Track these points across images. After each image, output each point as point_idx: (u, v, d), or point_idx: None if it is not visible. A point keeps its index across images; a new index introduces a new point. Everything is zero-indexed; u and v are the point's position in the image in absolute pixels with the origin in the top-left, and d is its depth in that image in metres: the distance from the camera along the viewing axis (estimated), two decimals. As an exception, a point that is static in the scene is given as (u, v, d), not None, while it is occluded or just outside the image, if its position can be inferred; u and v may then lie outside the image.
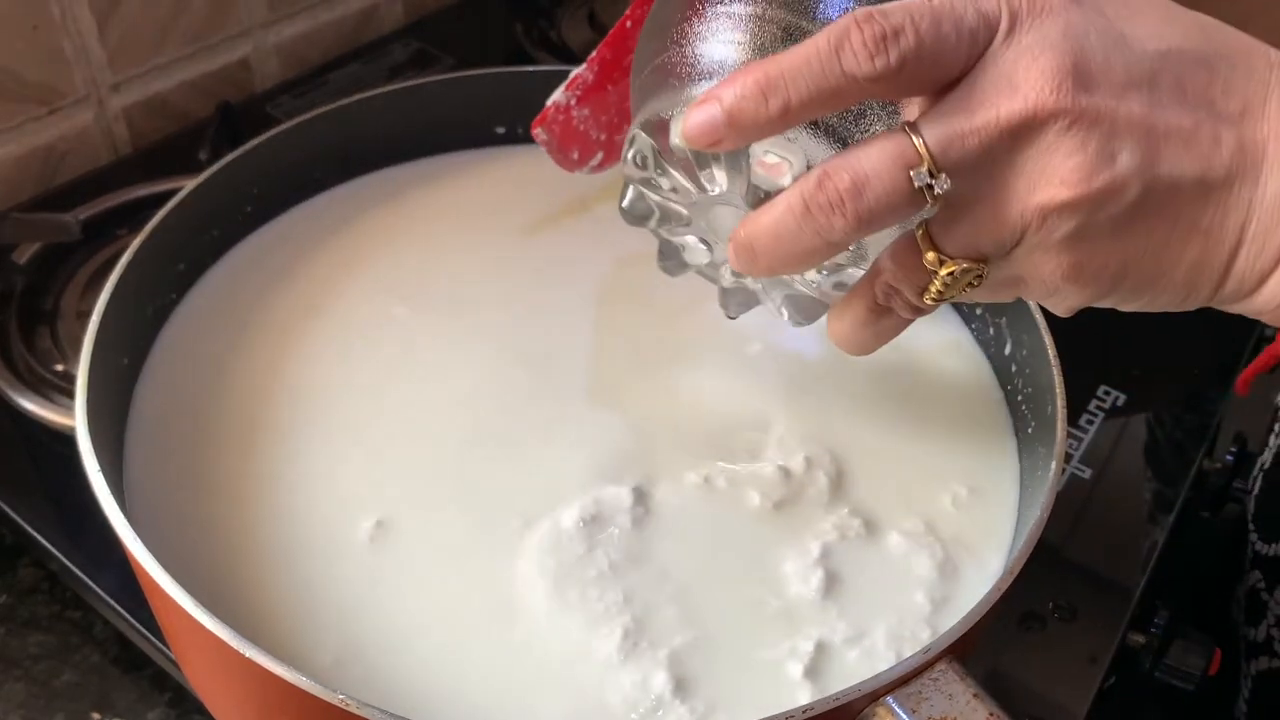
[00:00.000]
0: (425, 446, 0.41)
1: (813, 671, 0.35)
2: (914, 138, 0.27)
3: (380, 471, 0.40)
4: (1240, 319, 0.48)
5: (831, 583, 0.37)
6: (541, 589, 0.36)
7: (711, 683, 0.34)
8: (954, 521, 0.40)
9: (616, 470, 0.39)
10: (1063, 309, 0.31)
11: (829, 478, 0.40)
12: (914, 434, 0.43)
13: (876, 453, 0.42)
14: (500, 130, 0.55)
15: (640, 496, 0.39)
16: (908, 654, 0.34)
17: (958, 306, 0.48)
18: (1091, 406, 0.55)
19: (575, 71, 0.43)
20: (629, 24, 0.42)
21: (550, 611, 0.35)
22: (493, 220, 0.51)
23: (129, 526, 0.32)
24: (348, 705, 0.28)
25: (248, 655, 0.29)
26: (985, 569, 0.38)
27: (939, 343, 0.47)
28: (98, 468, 0.34)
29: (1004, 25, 0.27)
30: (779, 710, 0.29)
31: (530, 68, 0.56)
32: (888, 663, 0.35)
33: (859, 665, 0.35)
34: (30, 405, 0.50)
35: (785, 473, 0.40)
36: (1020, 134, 0.27)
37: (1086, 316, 0.29)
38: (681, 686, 0.34)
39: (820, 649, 0.35)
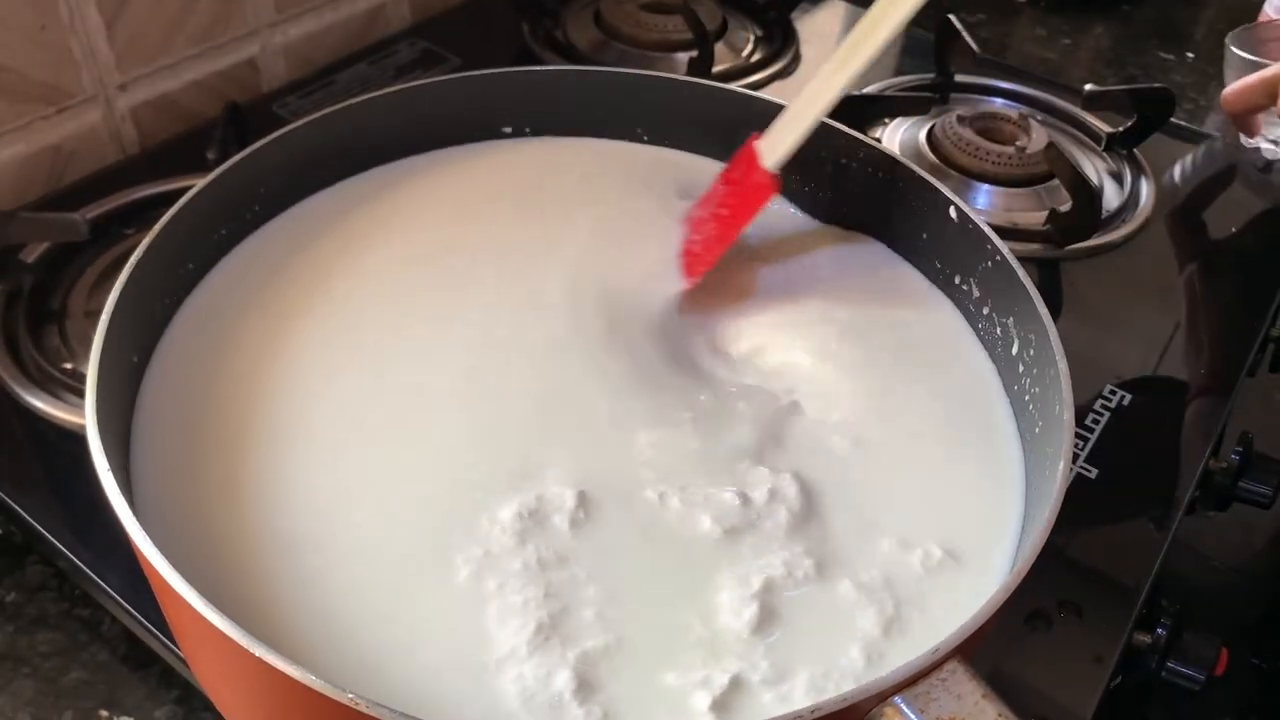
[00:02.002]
0: (425, 442, 0.41)
1: (720, 705, 0.33)
2: None
3: (381, 469, 0.40)
4: (1247, 320, 0.48)
5: (765, 619, 0.35)
6: (465, 574, 0.36)
7: (614, 692, 0.33)
8: (953, 522, 0.40)
9: (576, 474, 0.39)
10: None
11: (791, 514, 0.38)
12: (919, 433, 0.43)
13: (875, 454, 0.42)
14: (507, 130, 0.55)
15: (583, 500, 0.38)
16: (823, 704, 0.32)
17: (964, 306, 0.48)
18: (1097, 406, 0.55)
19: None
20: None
21: (467, 597, 0.36)
22: (498, 220, 0.51)
23: (139, 526, 0.32)
24: (357, 704, 0.28)
25: (257, 654, 0.29)
26: (991, 568, 0.38)
27: (946, 341, 0.47)
28: (107, 466, 0.34)
29: None
30: (787, 711, 0.28)
31: (537, 68, 0.56)
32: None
33: (773, 707, 0.33)
34: (38, 403, 0.50)
35: (744, 500, 0.39)
36: None
37: (1090, 315, 0.29)
38: (583, 688, 0.33)
39: (735, 684, 0.34)
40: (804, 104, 0.47)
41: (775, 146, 0.47)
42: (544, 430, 0.41)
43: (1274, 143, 0.73)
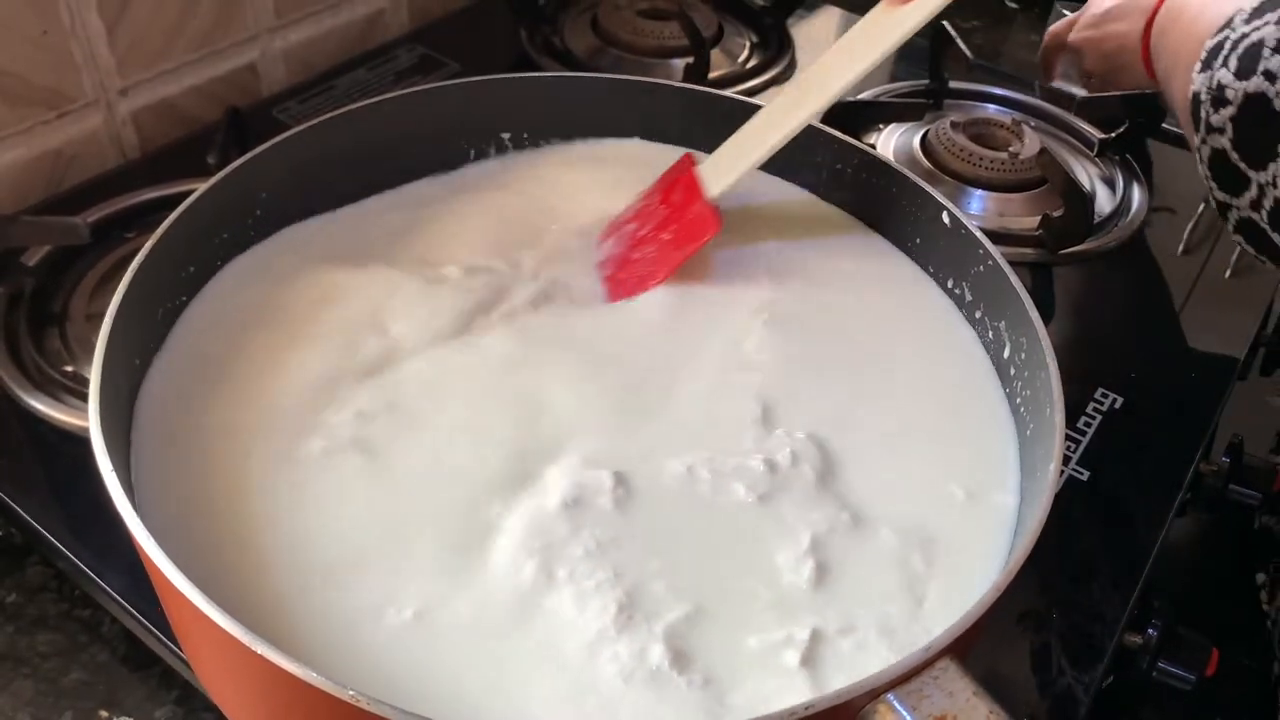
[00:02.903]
0: (427, 441, 0.41)
1: (809, 660, 0.35)
2: None
3: (389, 467, 0.40)
4: (1239, 320, 0.48)
5: (822, 573, 0.37)
6: (530, 569, 0.36)
7: (708, 659, 0.35)
8: (952, 522, 0.40)
9: (597, 457, 0.40)
10: None
11: (815, 472, 0.40)
12: (914, 435, 0.43)
13: (876, 454, 0.42)
14: (506, 136, 0.56)
15: (620, 479, 0.39)
16: (901, 646, 0.35)
17: (960, 309, 0.49)
18: (1089, 409, 0.56)
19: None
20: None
21: (539, 589, 0.36)
22: (501, 223, 0.52)
23: (142, 526, 0.32)
24: (358, 702, 0.28)
25: (260, 652, 0.29)
26: (984, 568, 0.39)
27: (940, 345, 0.48)
28: (111, 467, 0.34)
29: None
30: (782, 708, 0.29)
31: (536, 74, 0.56)
32: (879, 655, 0.35)
33: (854, 656, 0.35)
34: (39, 405, 0.50)
35: (771, 466, 0.40)
36: None
37: (1082, 319, 0.30)
38: (679, 659, 0.34)
39: (815, 638, 0.35)
40: (753, 136, 0.45)
41: (720, 177, 0.45)
42: (559, 423, 0.42)
43: (1066, 80, 0.77)
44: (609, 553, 0.37)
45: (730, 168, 0.45)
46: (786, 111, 0.44)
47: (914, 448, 0.43)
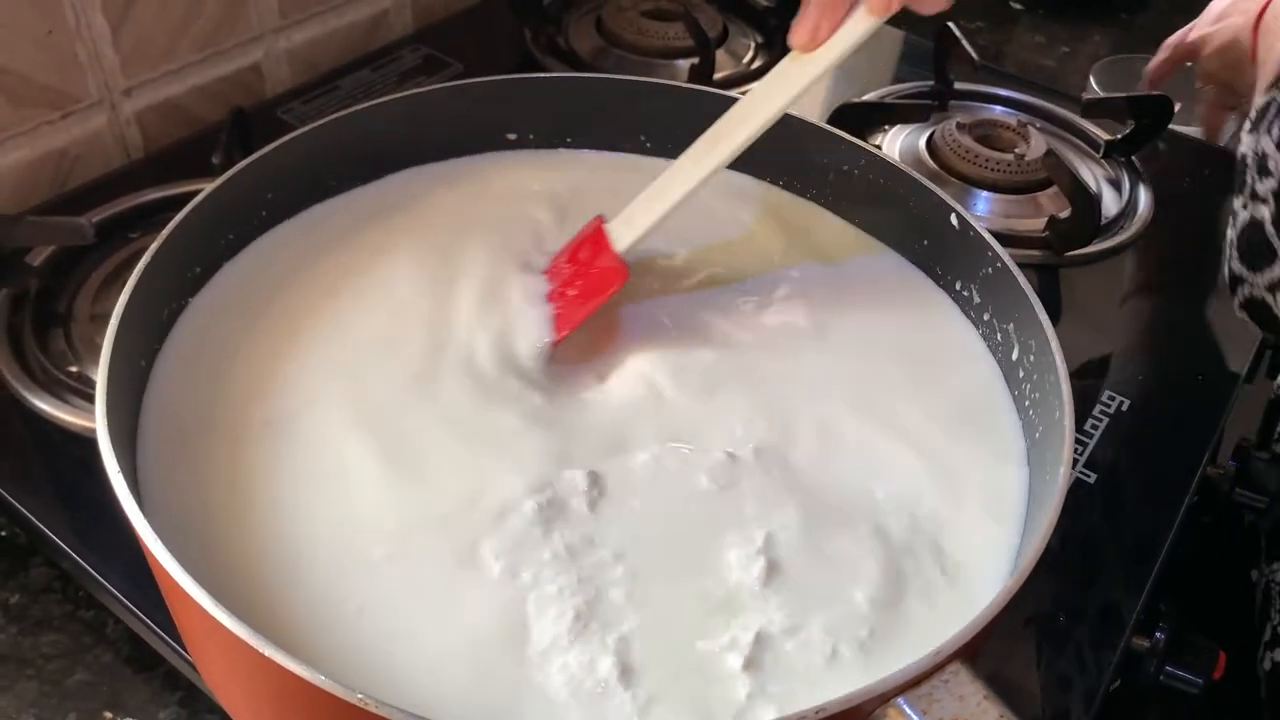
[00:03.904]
0: (428, 440, 0.41)
1: (751, 663, 0.35)
2: None
3: (388, 468, 0.40)
4: (1245, 323, 0.48)
5: (773, 572, 0.37)
6: (497, 570, 0.37)
7: (654, 672, 0.35)
8: (956, 522, 0.40)
9: (571, 452, 0.41)
10: None
11: (780, 469, 0.40)
12: (921, 437, 0.43)
13: (878, 455, 0.42)
14: (511, 136, 0.56)
15: (595, 479, 0.40)
16: (844, 650, 0.35)
17: (966, 312, 0.49)
18: (1096, 412, 0.56)
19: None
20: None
21: (502, 591, 0.36)
22: (502, 223, 0.52)
23: (149, 527, 0.32)
24: (366, 704, 0.28)
25: (267, 654, 0.29)
26: (993, 572, 0.39)
27: (948, 347, 0.48)
28: (117, 468, 0.34)
29: None
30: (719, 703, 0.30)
31: (540, 74, 0.56)
32: (823, 655, 0.35)
33: (795, 655, 0.35)
34: (44, 406, 0.50)
35: (732, 459, 0.40)
36: None
37: (1089, 322, 0.29)
38: (626, 673, 0.34)
39: (759, 639, 0.35)
40: (662, 189, 0.45)
41: (628, 230, 0.45)
42: (540, 424, 0.42)
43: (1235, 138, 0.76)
44: (577, 557, 0.37)
45: (639, 222, 0.45)
46: (695, 161, 0.44)
47: (918, 448, 0.42)
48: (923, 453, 0.42)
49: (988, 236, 0.46)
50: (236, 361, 0.44)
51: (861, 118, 0.71)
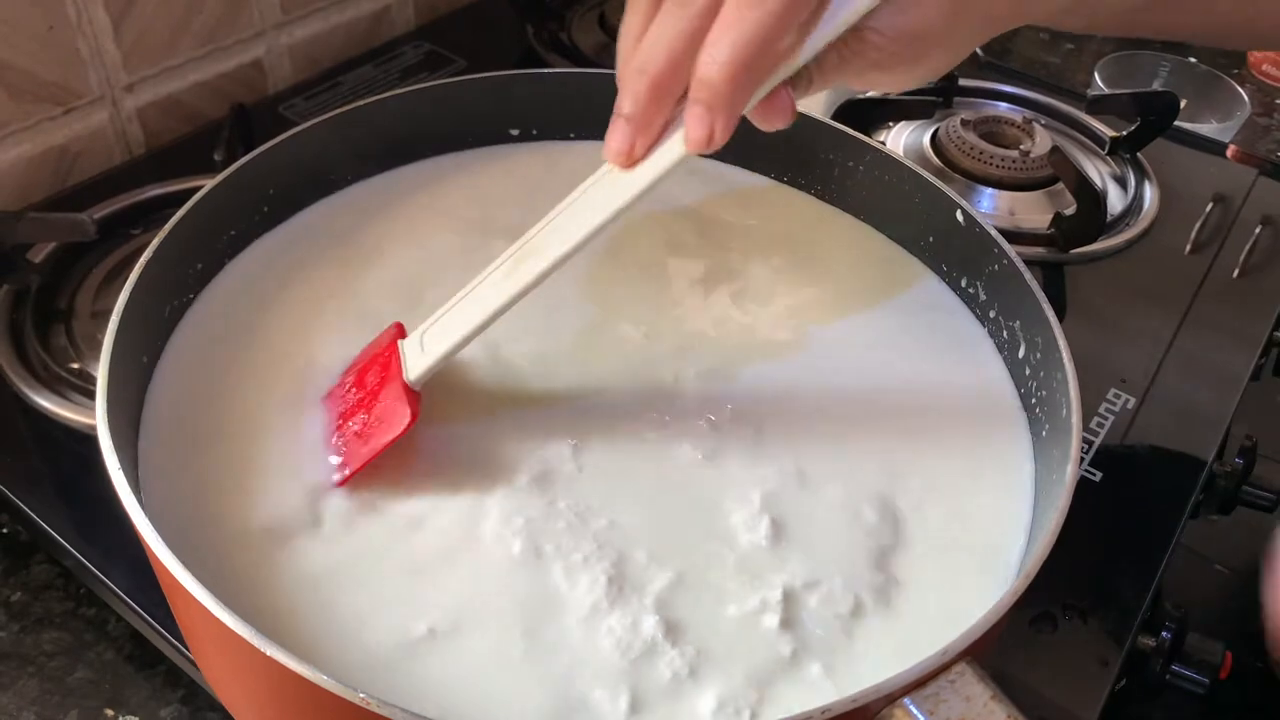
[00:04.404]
0: (429, 439, 0.41)
1: (787, 622, 0.36)
2: None
3: (383, 465, 0.40)
4: (1251, 320, 0.47)
5: (778, 531, 0.38)
6: (518, 546, 0.37)
7: (696, 630, 0.35)
8: (963, 524, 0.40)
9: (551, 429, 0.41)
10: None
11: (758, 432, 0.41)
12: (926, 437, 0.43)
13: (881, 454, 0.42)
14: (514, 132, 0.56)
15: (577, 451, 0.40)
16: (866, 599, 0.36)
17: (972, 309, 0.48)
18: (1102, 409, 0.55)
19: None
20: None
21: (528, 566, 0.36)
22: (504, 218, 0.51)
23: (150, 525, 0.32)
24: (369, 704, 0.28)
25: (269, 653, 0.29)
26: (999, 571, 0.38)
27: (953, 344, 0.47)
28: (118, 465, 0.34)
29: None
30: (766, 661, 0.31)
31: (543, 70, 0.56)
32: (847, 606, 0.36)
33: (820, 609, 0.36)
34: (45, 403, 0.50)
35: (712, 425, 0.41)
36: None
37: (1094, 319, 0.29)
38: (671, 631, 0.35)
39: (787, 597, 0.36)
40: (462, 312, 0.39)
41: (420, 358, 0.39)
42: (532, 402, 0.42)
43: None
44: (589, 523, 0.38)
45: (431, 349, 0.39)
46: (496, 286, 0.38)
47: (928, 457, 0.42)
48: (926, 450, 0.42)
49: (994, 233, 0.46)
50: (242, 358, 0.44)
51: (866, 114, 0.70)
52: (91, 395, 0.36)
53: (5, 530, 0.50)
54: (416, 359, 0.39)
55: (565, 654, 0.34)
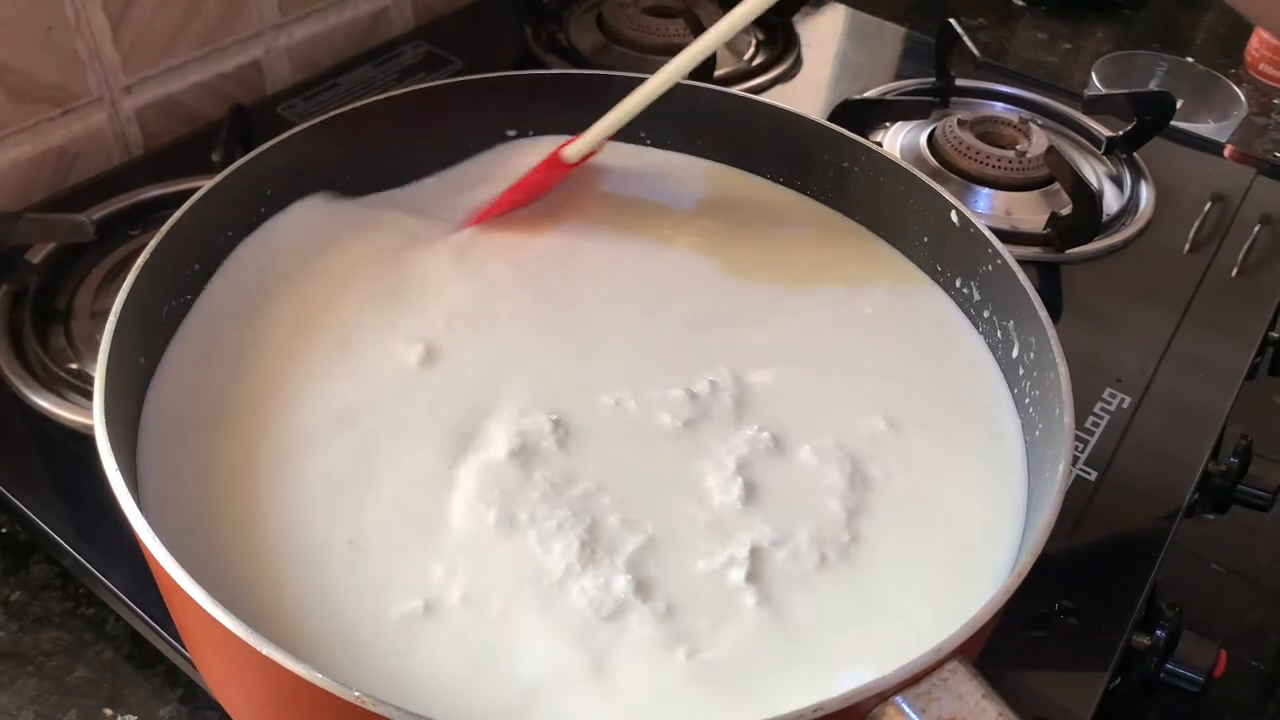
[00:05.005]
0: (429, 438, 0.41)
1: (753, 576, 0.37)
2: None
3: (384, 464, 0.40)
4: (1247, 320, 0.47)
5: (750, 492, 0.40)
6: (492, 518, 0.38)
7: (666, 586, 0.37)
8: (959, 522, 0.40)
9: (533, 402, 0.42)
10: None
11: (734, 399, 0.43)
12: (919, 437, 0.43)
13: (880, 454, 0.42)
14: (511, 133, 0.56)
15: (557, 424, 0.41)
16: (831, 556, 0.38)
17: (966, 309, 0.49)
18: (1096, 409, 0.55)
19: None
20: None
21: (502, 536, 0.38)
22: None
23: (147, 525, 0.32)
24: (364, 703, 0.28)
25: (265, 652, 0.29)
26: (993, 570, 0.39)
27: (947, 344, 0.47)
28: (115, 466, 0.34)
29: None
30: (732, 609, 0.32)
31: (541, 71, 0.56)
32: (812, 563, 0.38)
33: (787, 565, 0.38)
34: (44, 403, 0.50)
35: (690, 394, 0.43)
36: None
37: (1090, 318, 0.30)
38: (642, 588, 0.37)
39: (754, 554, 0.38)
40: (615, 110, 0.49)
41: (579, 147, 0.50)
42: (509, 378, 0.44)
43: None
44: (563, 492, 0.39)
45: (589, 136, 0.50)
46: (637, 91, 0.48)
47: (922, 457, 0.42)
48: (916, 449, 0.42)
49: (987, 233, 0.46)
50: (240, 358, 0.44)
51: (863, 114, 0.71)
52: (91, 395, 0.36)
53: (4, 530, 0.50)
54: (574, 150, 0.50)
55: (541, 617, 0.36)
